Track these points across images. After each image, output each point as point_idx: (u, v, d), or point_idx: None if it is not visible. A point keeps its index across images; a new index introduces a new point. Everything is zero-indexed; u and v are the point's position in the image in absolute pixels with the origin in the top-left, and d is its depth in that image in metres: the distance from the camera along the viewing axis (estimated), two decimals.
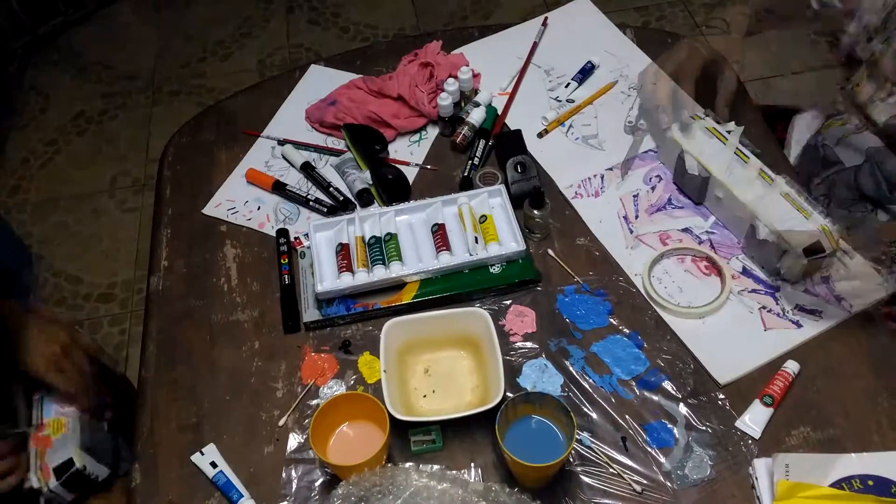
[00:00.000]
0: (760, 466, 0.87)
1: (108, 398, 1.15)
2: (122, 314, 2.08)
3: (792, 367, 0.94)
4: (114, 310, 2.10)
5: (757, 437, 0.90)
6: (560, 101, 1.27)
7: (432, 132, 1.27)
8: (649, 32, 1.39)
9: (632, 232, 1.10)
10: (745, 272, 1.05)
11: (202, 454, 0.94)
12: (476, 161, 1.19)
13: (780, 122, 1.34)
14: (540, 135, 1.21)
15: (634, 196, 1.14)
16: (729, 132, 1.07)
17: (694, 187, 1.10)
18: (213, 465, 0.93)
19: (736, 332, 0.99)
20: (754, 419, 0.91)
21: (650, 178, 1.16)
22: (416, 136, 1.27)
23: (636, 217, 1.12)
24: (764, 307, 1.01)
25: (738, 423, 0.91)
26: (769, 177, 1.03)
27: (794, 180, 1.02)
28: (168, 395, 1.00)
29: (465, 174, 1.18)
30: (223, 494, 0.91)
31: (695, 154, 1.07)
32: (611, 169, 1.18)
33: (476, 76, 1.29)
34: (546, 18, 1.40)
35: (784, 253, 0.99)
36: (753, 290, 1.03)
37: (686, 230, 1.10)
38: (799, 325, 0.99)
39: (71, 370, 1.05)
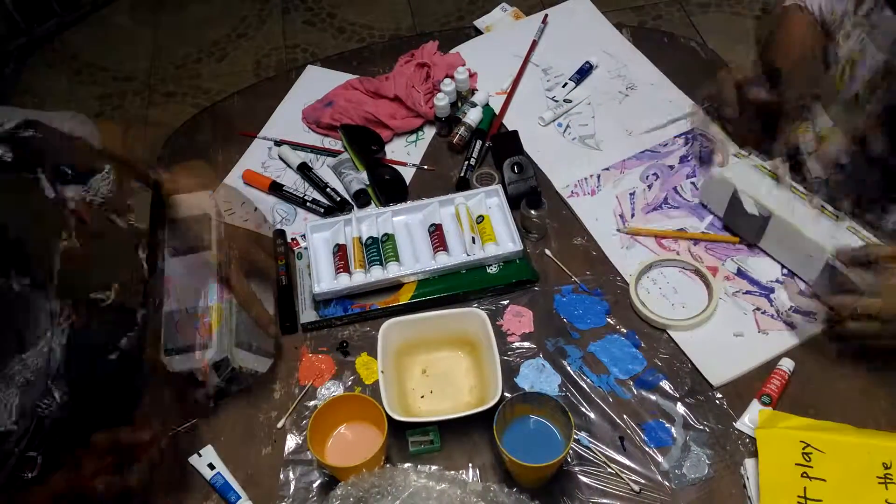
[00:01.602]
0: (751, 467, 0.87)
1: None
2: None
3: (787, 364, 0.94)
4: None
5: (744, 429, 0.91)
6: (557, 100, 1.27)
7: (429, 132, 1.27)
8: (646, 32, 1.40)
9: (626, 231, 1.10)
10: (740, 273, 1.04)
11: (200, 456, 0.94)
12: (472, 161, 1.19)
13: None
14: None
15: (631, 194, 1.14)
16: (777, 168, 1.04)
17: (751, 228, 1.04)
18: (211, 466, 0.92)
19: (730, 334, 0.99)
20: (754, 419, 0.91)
21: (647, 177, 1.16)
22: (413, 137, 1.27)
23: (632, 216, 1.12)
24: (758, 309, 1.01)
25: (737, 425, 0.91)
26: (832, 213, 0.99)
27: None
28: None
29: (462, 175, 1.18)
30: (221, 496, 0.91)
31: (751, 193, 1.02)
32: (607, 169, 1.18)
33: (472, 76, 1.29)
34: (546, 16, 1.40)
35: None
36: (748, 292, 1.03)
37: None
38: (793, 327, 0.99)
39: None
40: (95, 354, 0.89)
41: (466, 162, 1.19)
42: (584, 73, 1.30)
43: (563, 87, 1.29)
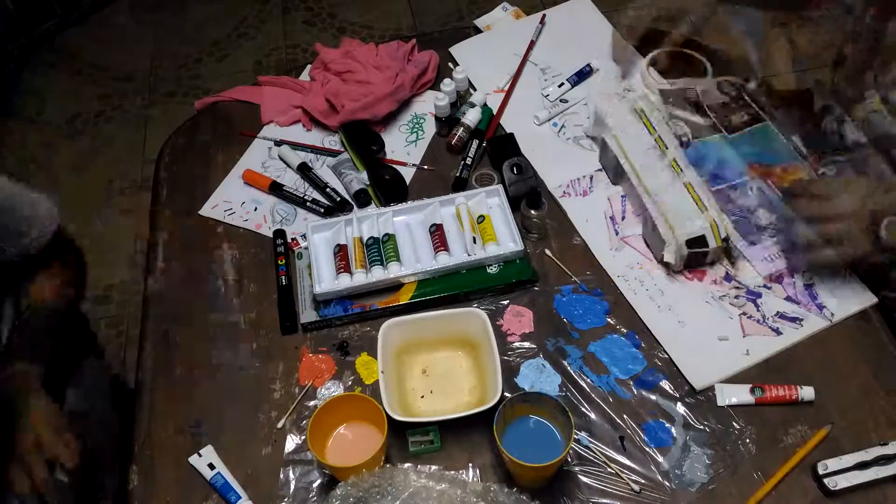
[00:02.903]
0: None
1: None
2: (119, 316, 2.08)
3: (807, 393, 0.92)
4: (111, 311, 2.09)
5: (719, 404, 0.93)
6: (552, 100, 1.27)
7: (429, 132, 1.27)
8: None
9: (617, 234, 1.10)
10: (727, 278, 1.04)
11: (200, 456, 0.94)
12: (469, 162, 1.19)
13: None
14: None
15: (623, 196, 1.14)
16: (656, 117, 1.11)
17: (610, 166, 1.13)
18: (211, 466, 0.93)
19: (715, 338, 0.99)
20: (732, 394, 0.93)
21: None
22: (413, 137, 1.26)
23: (623, 218, 1.12)
24: (744, 313, 1.00)
25: (716, 385, 0.93)
26: (679, 168, 1.06)
27: None
28: (165, 397, 1.00)
29: (458, 175, 1.18)
30: (221, 496, 0.91)
31: (616, 133, 1.10)
32: (600, 170, 1.18)
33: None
34: (544, 16, 1.40)
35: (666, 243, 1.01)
36: (735, 296, 1.02)
37: None
38: (778, 333, 0.98)
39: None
40: None
41: (462, 162, 1.19)
42: (583, 75, 1.30)
43: (559, 86, 1.28)
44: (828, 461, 0.86)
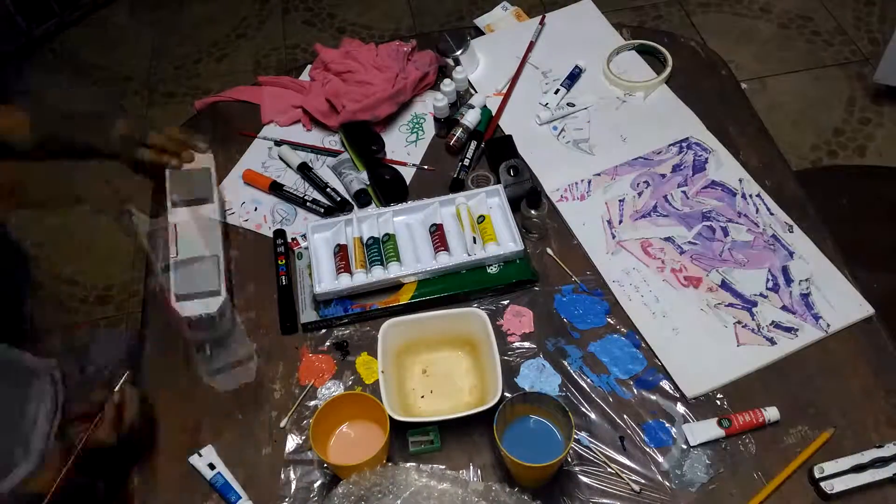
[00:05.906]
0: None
1: None
2: (119, 316, 2.08)
3: (772, 414, 0.91)
4: (110, 312, 2.09)
5: (692, 444, 0.90)
6: (550, 107, 1.26)
7: (430, 132, 1.27)
8: (646, 32, 1.39)
9: (614, 237, 1.10)
10: (724, 285, 1.03)
11: (200, 455, 0.94)
12: (467, 163, 1.19)
13: None
14: None
15: (620, 201, 1.14)
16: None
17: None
18: (212, 466, 0.93)
19: (708, 346, 0.98)
20: (698, 431, 0.91)
21: (637, 184, 1.16)
22: (413, 137, 1.27)
23: (620, 222, 1.12)
24: (739, 322, 1.00)
25: (684, 426, 0.91)
26: None
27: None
28: (166, 397, 1.00)
29: (456, 176, 1.18)
30: (221, 496, 0.91)
31: None
32: (598, 174, 1.18)
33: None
34: (543, 17, 1.40)
35: None
36: (730, 304, 1.01)
37: (668, 239, 1.09)
38: (773, 343, 0.98)
39: None
40: None
41: (460, 163, 1.19)
42: (574, 77, 1.30)
43: (555, 93, 1.27)
44: (824, 465, 0.86)
